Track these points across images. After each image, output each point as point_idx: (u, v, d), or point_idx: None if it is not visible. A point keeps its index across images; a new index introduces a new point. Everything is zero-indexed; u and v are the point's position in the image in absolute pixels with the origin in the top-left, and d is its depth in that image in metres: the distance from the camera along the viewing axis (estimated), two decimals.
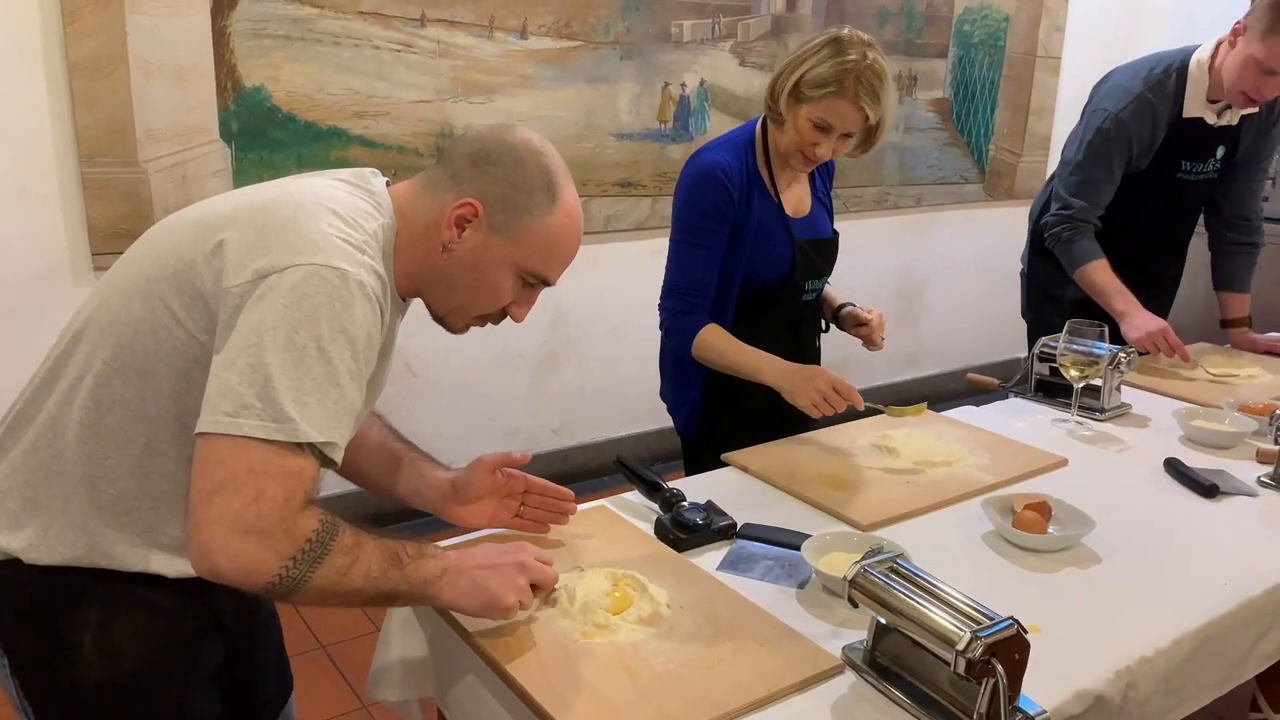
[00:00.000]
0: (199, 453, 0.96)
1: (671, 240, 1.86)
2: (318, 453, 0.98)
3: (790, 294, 1.91)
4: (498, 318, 1.21)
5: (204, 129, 2.60)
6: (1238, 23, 2.16)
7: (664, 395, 2.04)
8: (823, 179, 2.00)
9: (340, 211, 1.06)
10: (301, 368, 0.96)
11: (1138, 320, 2.26)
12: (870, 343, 1.94)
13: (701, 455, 1.82)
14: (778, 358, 1.77)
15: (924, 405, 1.79)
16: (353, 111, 2.81)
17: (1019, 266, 2.74)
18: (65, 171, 2.46)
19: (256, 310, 0.97)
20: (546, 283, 1.19)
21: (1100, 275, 2.31)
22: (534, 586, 1.16)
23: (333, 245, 1.01)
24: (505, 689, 1.10)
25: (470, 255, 1.13)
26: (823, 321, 2.05)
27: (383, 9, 2.79)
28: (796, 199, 1.91)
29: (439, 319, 1.22)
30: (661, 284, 1.87)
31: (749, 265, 1.84)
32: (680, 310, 1.84)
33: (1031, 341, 2.58)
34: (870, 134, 1.78)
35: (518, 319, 1.22)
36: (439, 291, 1.17)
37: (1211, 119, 2.28)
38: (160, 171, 2.55)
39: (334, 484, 1.39)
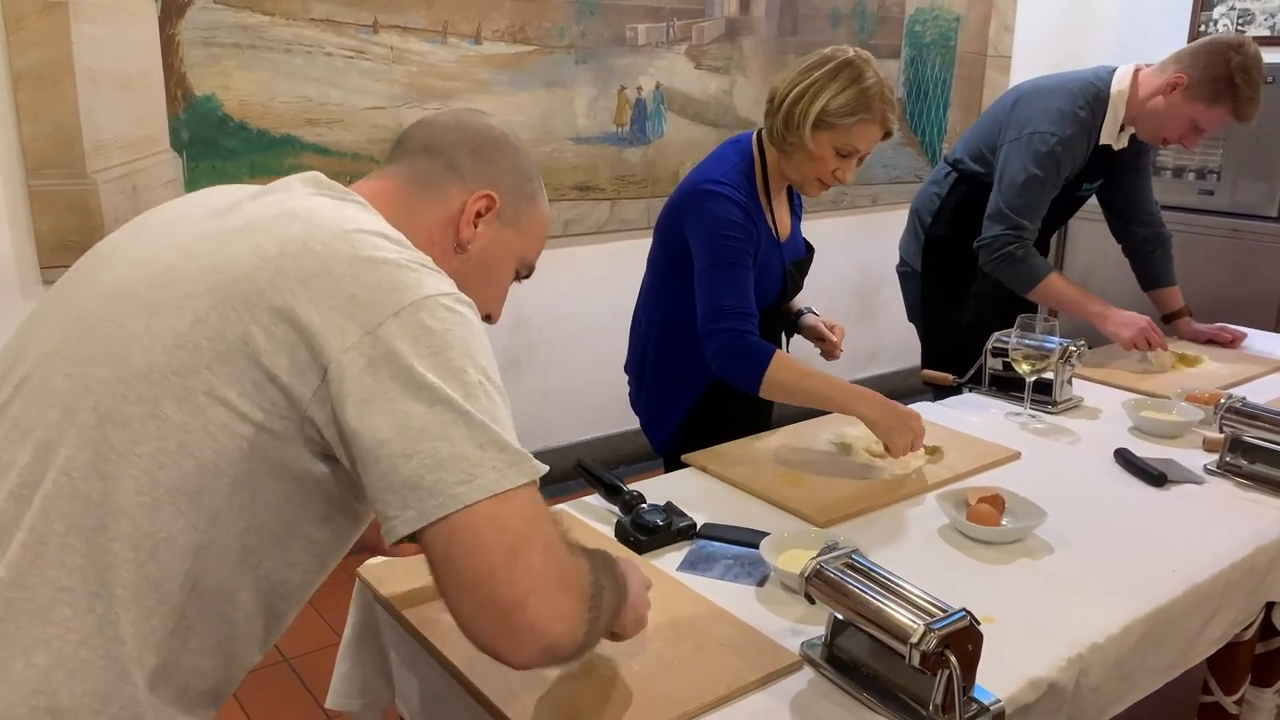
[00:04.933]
0: (444, 544, 0.80)
1: (707, 266, 1.73)
2: None
3: (777, 315, 1.94)
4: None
5: (154, 139, 2.57)
6: (1180, 75, 2.16)
7: (636, 406, 2.02)
8: (796, 196, 1.99)
9: (376, 229, 0.92)
10: (489, 401, 0.85)
11: (1123, 319, 2.28)
12: (829, 355, 1.97)
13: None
14: (868, 390, 1.68)
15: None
16: (306, 119, 2.78)
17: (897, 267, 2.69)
18: (11, 184, 2.41)
19: (397, 368, 0.82)
20: (529, 275, 1.16)
21: (1064, 286, 2.32)
22: None
23: (417, 271, 0.88)
24: (465, 694, 1.10)
25: (484, 253, 1.06)
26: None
27: (334, 15, 2.77)
28: (781, 221, 1.90)
29: None
30: (701, 310, 1.73)
31: (756, 294, 1.81)
32: (746, 331, 1.69)
33: (928, 346, 2.60)
34: None
35: (494, 319, 1.13)
36: None
37: (1116, 145, 2.31)
38: (110, 182, 2.51)
39: None
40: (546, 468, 0.87)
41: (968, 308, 2.52)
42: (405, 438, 0.80)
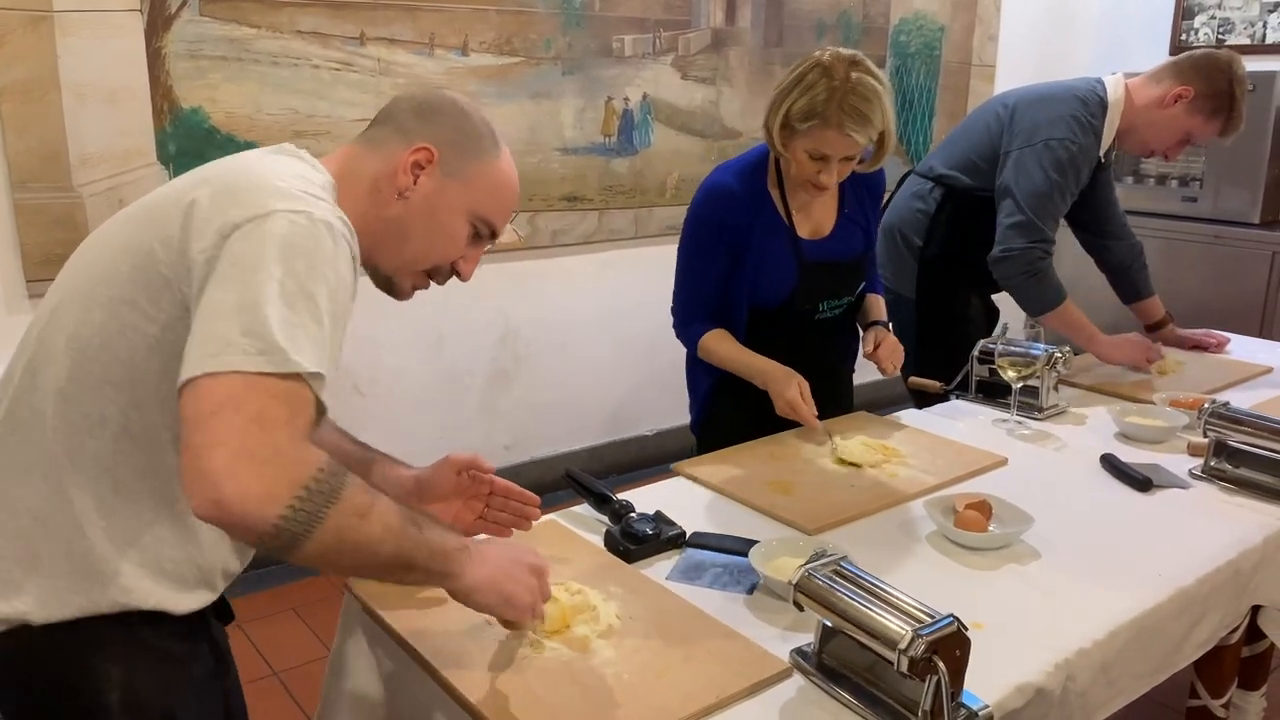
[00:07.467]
0: (183, 401, 0.88)
1: (679, 253, 1.93)
2: (309, 387, 0.91)
3: (798, 316, 1.90)
4: (446, 275, 1.21)
5: (140, 152, 2.56)
6: (1186, 87, 2.15)
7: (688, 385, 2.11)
8: (857, 196, 1.94)
9: (286, 171, 1.05)
10: (284, 303, 0.91)
11: (1116, 342, 2.29)
12: (881, 370, 1.95)
13: (707, 448, 1.85)
14: (770, 360, 1.83)
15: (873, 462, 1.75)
16: (293, 131, 2.78)
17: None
18: None
19: (228, 260, 0.92)
20: (494, 233, 1.21)
21: (1076, 312, 2.27)
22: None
23: (293, 193, 0.99)
24: (454, 705, 1.10)
25: (426, 201, 1.14)
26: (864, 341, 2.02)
27: (321, 28, 2.78)
28: (816, 220, 1.89)
29: (385, 281, 1.20)
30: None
31: (752, 287, 1.85)
32: (684, 321, 1.93)
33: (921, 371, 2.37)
34: (879, 146, 1.75)
35: (465, 276, 1.23)
36: (392, 245, 1.15)
37: (1101, 156, 2.28)
38: (96, 196, 2.51)
39: None
40: (307, 368, 0.90)
41: (966, 332, 2.39)
42: (201, 316, 0.91)
